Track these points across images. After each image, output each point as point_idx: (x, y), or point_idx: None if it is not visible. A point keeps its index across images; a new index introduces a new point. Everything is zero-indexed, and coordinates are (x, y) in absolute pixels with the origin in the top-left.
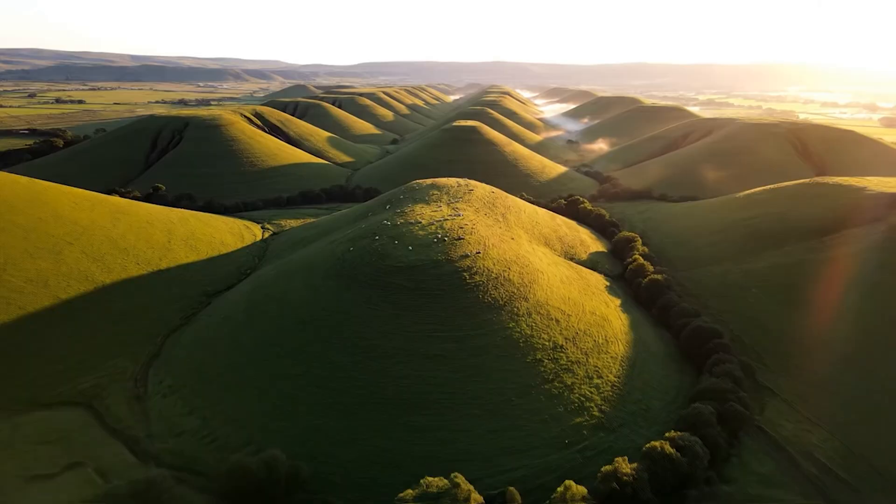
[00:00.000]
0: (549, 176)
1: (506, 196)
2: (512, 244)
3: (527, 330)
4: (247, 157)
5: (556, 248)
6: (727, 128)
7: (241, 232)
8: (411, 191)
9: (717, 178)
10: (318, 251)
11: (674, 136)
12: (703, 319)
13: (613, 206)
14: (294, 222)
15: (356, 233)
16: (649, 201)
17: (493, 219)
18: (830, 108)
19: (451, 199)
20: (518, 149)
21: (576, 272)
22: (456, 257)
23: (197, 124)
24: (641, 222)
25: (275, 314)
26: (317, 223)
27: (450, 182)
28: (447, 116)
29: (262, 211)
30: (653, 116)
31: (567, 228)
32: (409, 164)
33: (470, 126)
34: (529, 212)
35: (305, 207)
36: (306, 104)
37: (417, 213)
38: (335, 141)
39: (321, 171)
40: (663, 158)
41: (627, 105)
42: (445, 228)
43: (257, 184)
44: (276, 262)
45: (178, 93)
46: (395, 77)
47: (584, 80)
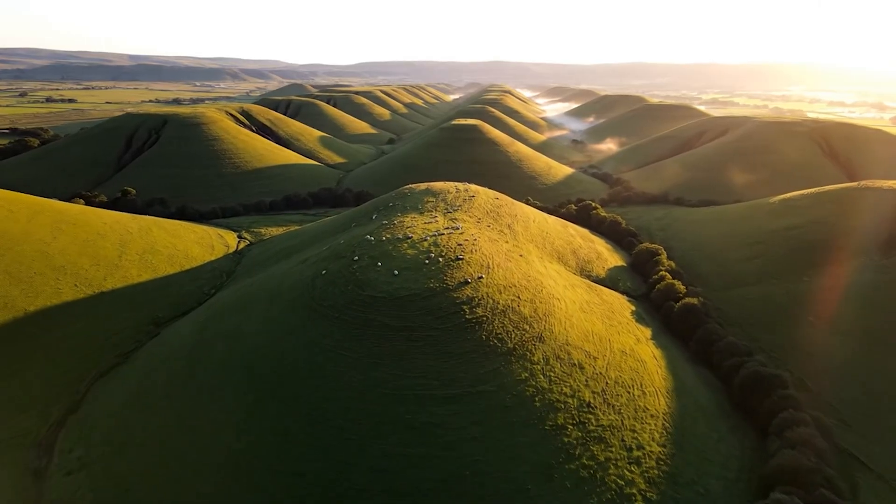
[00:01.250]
0: (555, 178)
1: (512, 203)
2: (521, 263)
3: (544, 382)
4: (229, 157)
5: (570, 263)
6: (744, 126)
7: (213, 242)
8: (403, 197)
9: (740, 180)
10: (286, 273)
11: (686, 136)
12: (759, 361)
13: (627, 211)
14: (275, 230)
15: (333, 250)
16: (665, 206)
17: (497, 231)
18: (838, 108)
19: (449, 207)
20: (522, 149)
21: (596, 294)
22: (453, 284)
23: (176, 122)
24: (660, 230)
25: (222, 358)
26: (298, 233)
27: (447, 187)
28: (446, 115)
29: (241, 217)
30: (660, 115)
31: (581, 239)
32: (405, 165)
33: (470, 125)
34: (539, 221)
35: (290, 213)
36: (299, 102)
37: (408, 224)
38: (328, 141)
39: (311, 172)
40: (677, 159)
41: (633, 104)
42: (441, 245)
43: (240, 187)
44: (241, 284)
45: (173, 92)
46: (395, 77)
47: (584, 80)
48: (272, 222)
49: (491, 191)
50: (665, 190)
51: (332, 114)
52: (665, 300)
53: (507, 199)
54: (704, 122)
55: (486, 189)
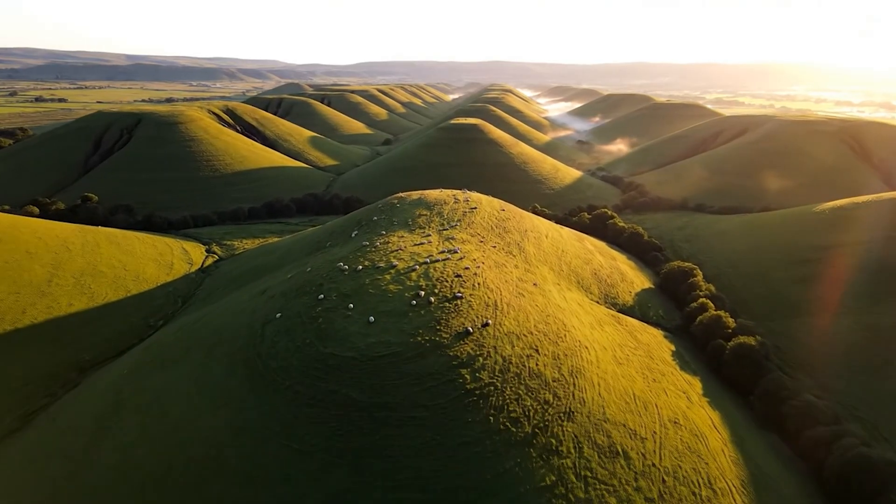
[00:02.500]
0: (563, 182)
1: (520, 215)
2: (536, 296)
3: (579, 489)
4: (208, 160)
5: (592, 289)
6: (765, 126)
7: (174, 259)
8: (390, 209)
9: (767, 184)
10: (236, 310)
11: (701, 136)
12: (855, 434)
13: (644, 219)
14: (250, 243)
15: (296, 281)
16: (685, 213)
17: (505, 252)
18: (845, 107)
19: (446, 222)
20: (526, 150)
21: (627, 332)
22: (449, 337)
23: (151, 122)
24: (685, 241)
25: (131, 441)
26: (272, 248)
27: (444, 196)
28: (445, 115)
29: (215, 227)
30: (669, 115)
31: (601, 256)
32: (399, 167)
33: (471, 124)
34: (553, 236)
35: (270, 222)
36: (291, 101)
37: (394, 247)
38: (319, 142)
39: (298, 176)
40: (694, 161)
41: (639, 103)
42: (434, 278)
43: (218, 192)
44: (191, 317)
45: (167, 91)
46: (394, 77)
47: (585, 80)
48: (248, 233)
49: (495, 200)
50: (684, 195)
51: (325, 113)
52: (710, 336)
53: (514, 209)
54: (720, 122)
55: (489, 198)
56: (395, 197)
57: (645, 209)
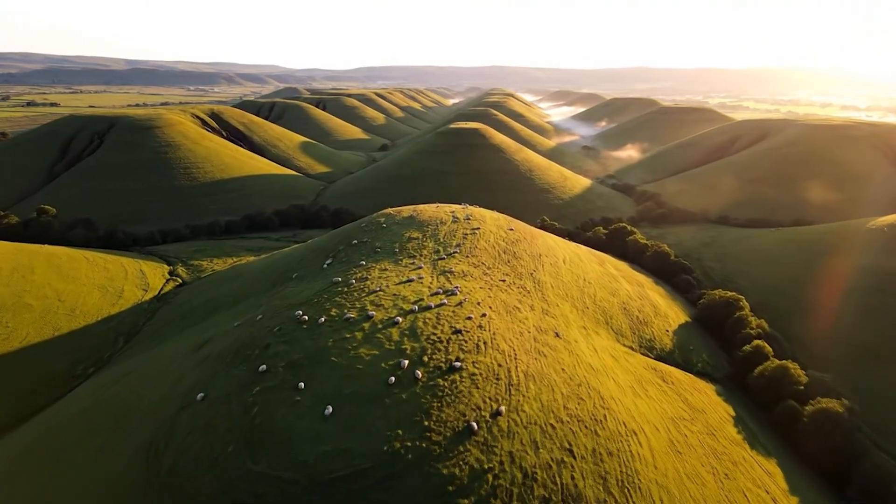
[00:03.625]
0: (571, 191)
1: (532, 235)
2: (560, 353)
3: None
4: (185, 167)
5: (623, 329)
6: (787, 131)
7: (126, 284)
8: (375, 230)
9: (799, 194)
10: (155, 377)
11: (717, 141)
12: None
13: (664, 232)
14: (220, 263)
15: (237, 337)
16: (708, 225)
17: (517, 287)
18: (852, 112)
19: (442, 248)
20: (531, 156)
21: (676, 393)
22: (441, 441)
23: (124, 126)
24: (714, 261)
25: None
26: (238, 272)
27: (440, 214)
28: (445, 119)
29: (186, 243)
30: (678, 119)
31: (627, 283)
32: (395, 175)
33: (471, 128)
34: (571, 260)
35: (249, 237)
36: (284, 105)
37: (373, 285)
38: (310, 147)
39: (285, 184)
40: (712, 168)
41: (645, 107)
42: (423, 335)
43: (194, 203)
44: (107, 376)
45: (163, 96)
46: (393, 81)
47: (586, 84)
48: (221, 251)
49: (501, 217)
50: (704, 206)
51: (319, 117)
52: (777, 394)
53: (523, 228)
54: (736, 126)
55: (494, 214)
56: (383, 214)
57: (663, 222)
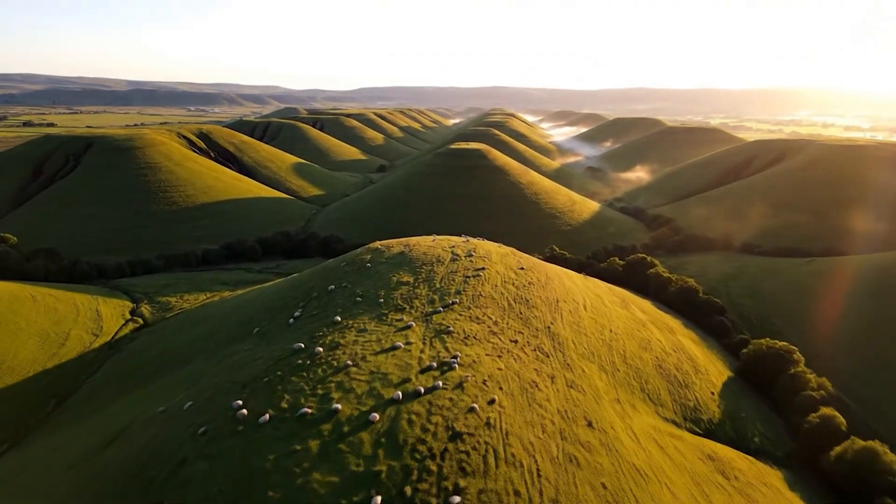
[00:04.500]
0: (580, 216)
1: (546, 275)
2: (597, 454)
3: None
4: (165, 191)
5: (662, 397)
6: (807, 150)
7: (74, 328)
8: (359, 272)
9: (828, 219)
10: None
11: (731, 162)
12: None
13: (683, 262)
14: (191, 300)
15: (143, 445)
16: (731, 254)
17: (533, 350)
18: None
19: (438, 297)
20: (536, 179)
21: (742, 494)
22: None
23: (103, 146)
24: (747, 296)
25: None
26: (204, 315)
27: (437, 249)
28: (446, 139)
29: (158, 275)
30: (686, 139)
31: (656, 329)
32: (391, 199)
33: (473, 149)
34: (592, 304)
35: (228, 268)
36: (279, 125)
37: (344, 355)
38: (304, 169)
39: (273, 208)
40: (729, 191)
41: (649, 127)
42: (406, 444)
43: (171, 229)
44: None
45: (163, 116)
46: (394, 102)
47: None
48: (195, 284)
49: (510, 251)
50: (725, 232)
51: (316, 138)
52: (865, 487)
53: (536, 266)
54: (751, 147)
55: (500, 248)
56: (369, 249)
57: (680, 250)
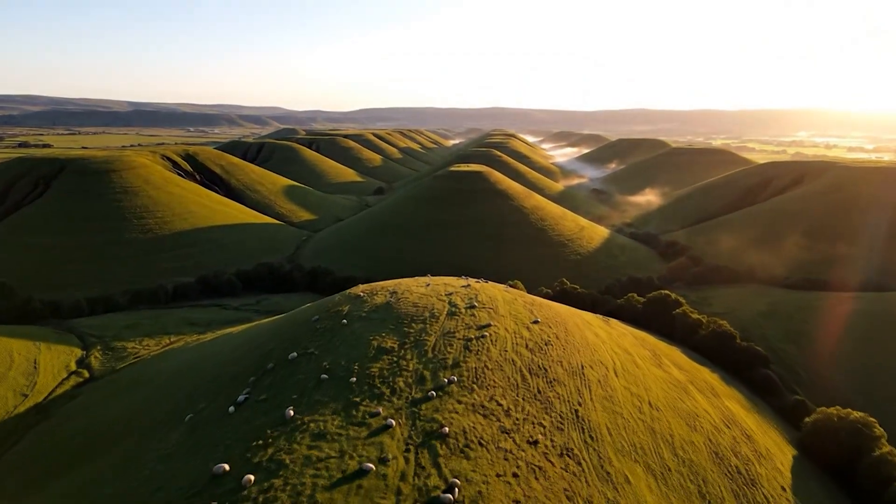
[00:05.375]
0: (590, 244)
1: (565, 327)
2: None
3: None
4: (142, 217)
5: (723, 497)
6: (830, 173)
7: (0, 385)
8: (331, 330)
9: (866, 249)
10: None
11: (745, 185)
12: None
13: (706, 296)
14: (152, 345)
15: None
16: (757, 286)
17: (558, 450)
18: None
19: (430, 374)
20: (542, 203)
21: None
22: None
23: (76, 169)
24: (786, 340)
25: None
26: (156, 372)
27: (432, 298)
28: (445, 160)
29: (123, 313)
30: (693, 161)
31: (700, 395)
32: (386, 225)
33: (474, 171)
34: (622, 366)
35: (203, 304)
36: (273, 146)
37: (287, 489)
38: (296, 192)
39: (259, 236)
40: (746, 215)
41: (653, 148)
42: None
43: (146, 259)
44: None
45: (162, 137)
46: (394, 122)
47: (586, 126)
48: (160, 325)
49: (520, 296)
50: (747, 261)
51: (311, 159)
52: None
53: (551, 315)
54: (766, 168)
55: (508, 293)
56: (349, 297)
57: (701, 282)
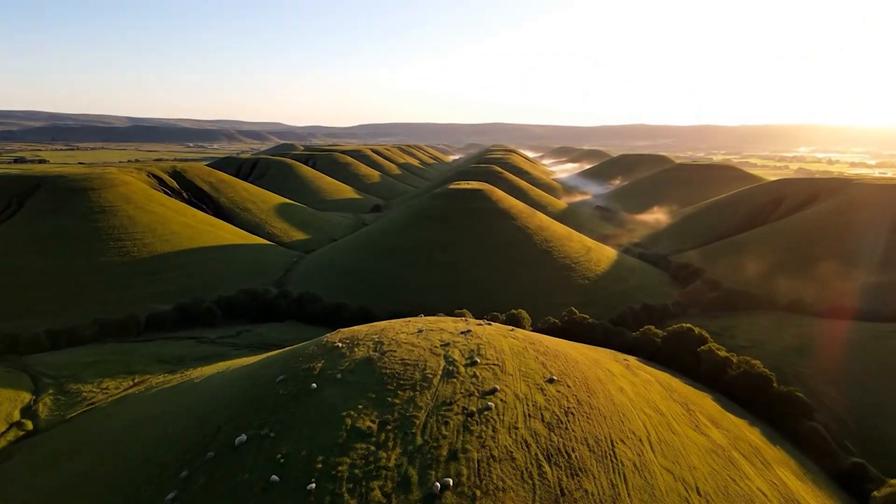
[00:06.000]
0: (598, 267)
1: (586, 384)
2: None
3: None
4: (118, 238)
5: None
6: (847, 191)
7: None
8: (296, 396)
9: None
10: None
11: (757, 203)
12: None
13: (726, 325)
14: (113, 387)
15: None
16: (781, 314)
17: None
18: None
19: (417, 469)
20: (546, 223)
21: None
22: None
23: (52, 188)
24: (826, 382)
25: None
26: (100, 436)
27: (423, 350)
28: (445, 176)
29: (87, 347)
30: (700, 177)
31: (750, 466)
32: (380, 247)
33: (474, 189)
34: (658, 434)
35: (179, 336)
36: (268, 162)
37: None
38: (289, 210)
39: (247, 258)
40: (761, 235)
41: (657, 164)
42: None
43: (119, 285)
44: None
45: (160, 152)
46: (394, 138)
47: (586, 141)
48: (126, 362)
49: (525, 342)
50: (766, 285)
51: (307, 176)
52: None
53: (567, 368)
54: (777, 186)
55: (516, 343)
56: (324, 348)
57: (718, 308)
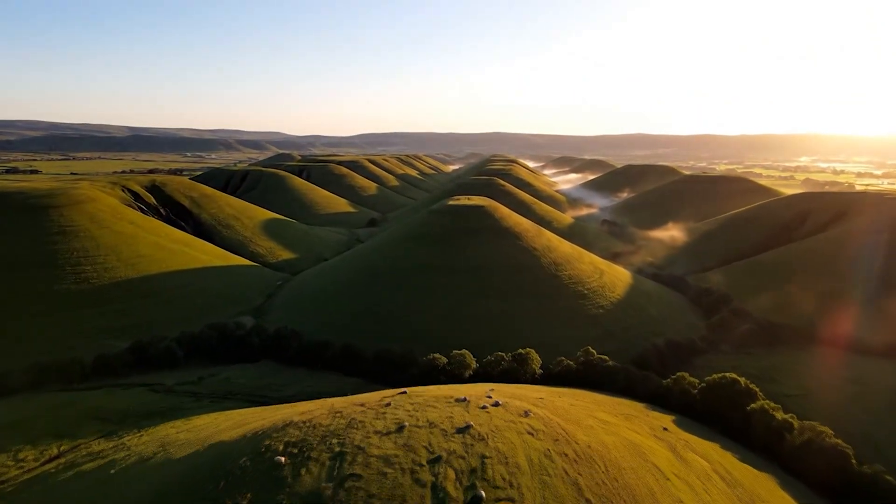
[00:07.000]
0: (612, 292)
1: (631, 495)
2: None
3: None
4: (77, 262)
5: None
6: (879, 207)
7: None
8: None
9: None
10: None
11: (780, 219)
12: None
13: (766, 366)
14: (28, 462)
15: None
16: (827, 351)
17: None
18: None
19: None
20: (554, 242)
21: None
22: None
23: (11, 205)
24: None
25: None
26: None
27: (405, 469)
28: (444, 188)
29: (16, 399)
30: (711, 189)
31: None
32: (374, 271)
33: (475, 206)
34: None
35: (132, 382)
36: (258, 174)
37: None
38: (277, 226)
39: (224, 283)
40: (788, 256)
41: (664, 175)
42: None
43: (76, 317)
44: None
45: (156, 162)
46: (394, 147)
47: (587, 151)
48: (56, 423)
49: (549, 430)
50: (803, 314)
51: (300, 188)
52: None
53: (612, 478)
54: (800, 200)
55: (530, 433)
56: (261, 459)
57: (751, 343)
